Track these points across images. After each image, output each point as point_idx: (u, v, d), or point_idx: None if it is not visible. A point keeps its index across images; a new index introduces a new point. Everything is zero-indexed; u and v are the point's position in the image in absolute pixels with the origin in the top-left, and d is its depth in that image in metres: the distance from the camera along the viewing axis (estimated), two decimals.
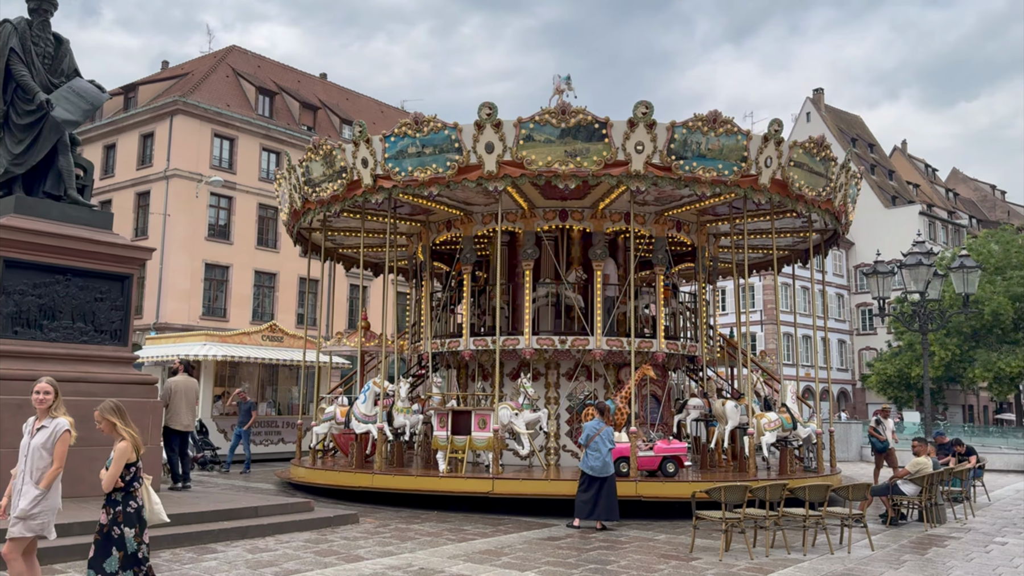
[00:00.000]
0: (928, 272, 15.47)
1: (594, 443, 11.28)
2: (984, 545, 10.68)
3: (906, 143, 75.76)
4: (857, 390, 58.80)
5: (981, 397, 56.80)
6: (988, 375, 43.31)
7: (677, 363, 17.07)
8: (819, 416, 16.16)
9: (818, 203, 14.41)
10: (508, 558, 9.02)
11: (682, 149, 12.73)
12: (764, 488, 9.87)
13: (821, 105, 66.81)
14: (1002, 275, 44.96)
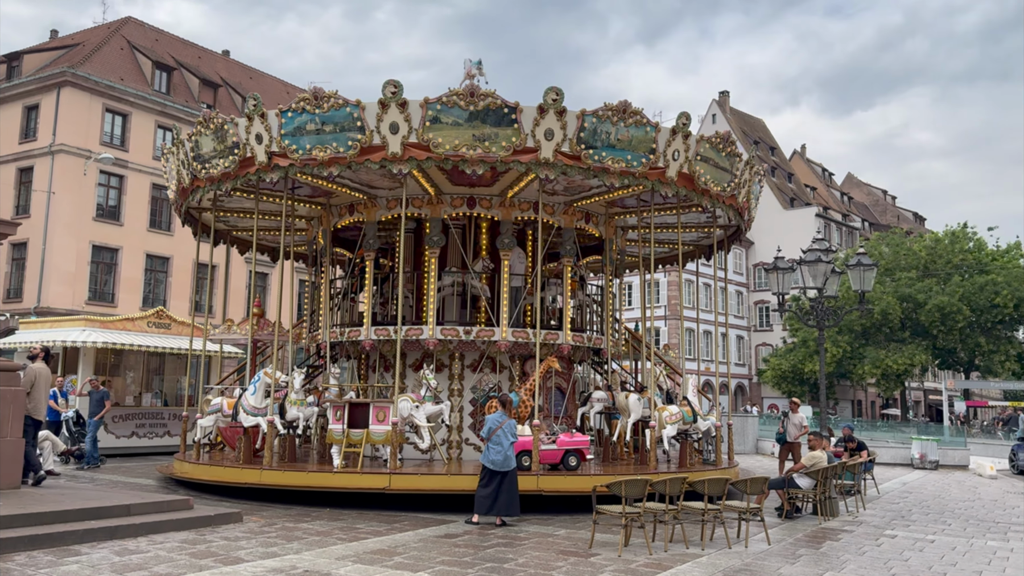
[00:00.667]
0: (827, 269, 15.81)
1: (496, 436, 10.95)
2: (875, 538, 10.89)
3: (805, 148, 78.73)
4: (753, 384, 60.76)
5: (869, 392, 59.64)
6: (876, 372, 45.42)
7: (583, 356, 16.94)
8: (718, 409, 16.33)
9: (723, 198, 14.49)
10: (401, 558, 8.57)
11: (592, 138, 12.52)
12: (664, 482, 9.75)
13: (726, 107, 68.63)
14: (891, 276, 47.21)
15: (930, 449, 24.74)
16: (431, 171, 13.32)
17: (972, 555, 9.91)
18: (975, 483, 19.99)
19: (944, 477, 21.51)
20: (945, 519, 13.14)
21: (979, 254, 47.81)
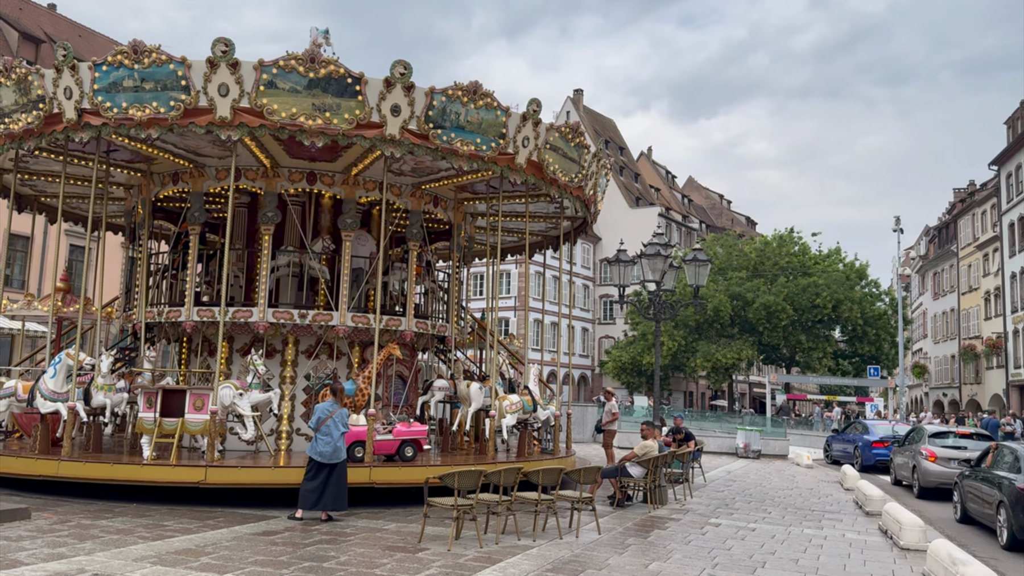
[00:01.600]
0: (665, 263, 16.18)
1: (325, 427, 10.31)
2: (701, 527, 11.16)
3: (651, 150, 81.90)
4: (595, 375, 62.60)
5: (700, 384, 62.91)
6: (708, 365, 47.85)
7: (427, 343, 16.51)
8: (559, 399, 16.38)
9: (570, 189, 14.46)
10: (209, 558, 7.81)
11: (441, 118, 12.06)
12: (499, 472, 9.50)
13: (580, 105, 70.14)
14: (724, 276, 49.86)
15: (753, 439, 26.20)
16: (266, 140, 12.41)
17: (790, 543, 10.33)
18: (793, 472, 21.27)
19: (766, 466, 22.78)
20: (766, 507, 13.75)
21: (803, 258, 51.35)
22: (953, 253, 62.57)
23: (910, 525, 10.43)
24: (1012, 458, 11.91)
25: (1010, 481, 11.25)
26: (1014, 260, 48.18)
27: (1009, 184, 49.71)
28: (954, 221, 63.60)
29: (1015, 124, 49.87)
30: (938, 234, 69.77)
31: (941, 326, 65.53)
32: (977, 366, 56.38)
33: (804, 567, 8.84)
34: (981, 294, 55.84)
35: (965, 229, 60.64)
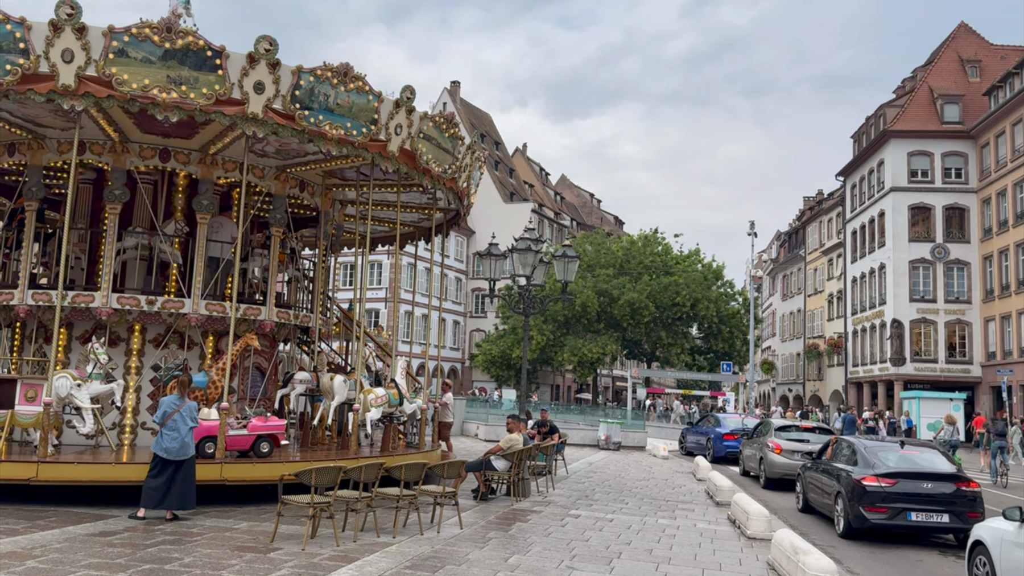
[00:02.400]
0: (535, 258, 16.31)
1: (172, 421, 9.69)
2: (561, 519, 11.29)
3: (526, 146, 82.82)
4: (465, 368, 62.75)
5: (566, 378, 64.29)
6: (574, 359, 48.97)
7: (288, 334, 15.90)
8: (426, 392, 16.20)
9: (443, 180, 14.28)
10: (36, 562, 7.15)
11: (308, 98, 11.57)
12: (359, 468, 9.22)
13: (457, 97, 69.94)
14: (592, 272, 51.14)
15: (614, 431, 26.96)
16: (114, 112, 11.51)
17: (645, 533, 10.61)
18: (651, 463, 22.01)
19: (625, 457, 23.47)
20: (624, 498, 14.11)
21: (666, 257, 53.42)
22: (801, 257, 66.85)
23: (756, 515, 10.95)
24: (850, 451, 12.74)
25: (847, 473, 12.03)
26: (855, 265, 52.00)
27: (853, 195, 53.55)
28: (803, 227, 67.93)
29: (860, 139, 53.74)
30: (788, 239, 74.34)
31: (788, 326, 69.92)
32: (820, 364, 60.51)
33: (657, 557, 9.09)
34: (825, 296, 59.97)
35: (812, 235, 64.89)
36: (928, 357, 44.51)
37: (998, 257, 41.86)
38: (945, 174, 45.57)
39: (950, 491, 11.33)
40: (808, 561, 7.62)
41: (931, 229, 45.22)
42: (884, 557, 10.61)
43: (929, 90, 47.65)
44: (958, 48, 50.20)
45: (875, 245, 48.35)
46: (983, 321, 43.47)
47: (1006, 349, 40.75)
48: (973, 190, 44.71)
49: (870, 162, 49.92)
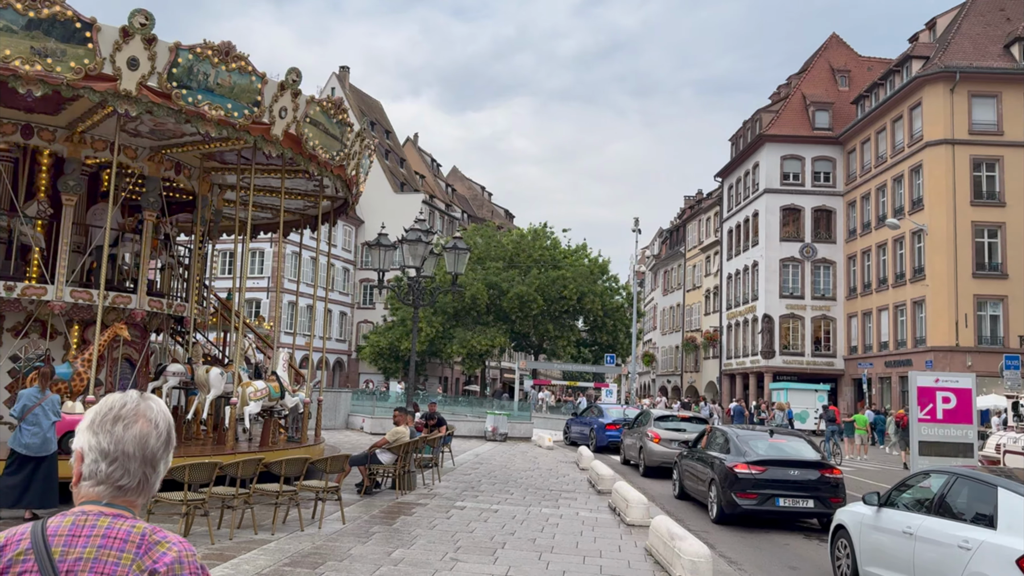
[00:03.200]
0: (425, 249, 16.17)
1: (33, 416, 9.06)
2: (446, 511, 11.27)
3: (418, 136, 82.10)
4: (352, 360, 61.74)
5: (455, 370, 64.29)
6: (463, 351, 48.98)
7: (161, 324, 15.15)
8: (308, 385, 15.81)
9: (331, 167, 13.93)
10: None
11: (186, 77, 11.02)
12: (237, 464, 8.90)
13: (346, 83, 68.52)
14: (482, 265, 51.27)
15: (501, 423, 27.16)
16: None
17: (529, 523, 10.73)
18: (536, 454, 22.30)
19: (511, 448, 23.69)
20: (509, 488, 14.23)
21: (554, 251, 54.14)
22: (681, 254, 69.37)
23: (636, 503, 11.27)
24: (723, 440, 13.30)
25: (720, 461, 12.56)
26: (731, 263, 54.38)
27: (730, 195, 55.94)
28: (683, 225, 70.49)
29: (738, 142, 56.17)
30: (669, 236, 76.98)
31: (668, 319, 72.45)
32: (697, 356, 63.02)
33: (541, 546, 9.21)
34: (703, 292, 62.48)
35: (692, 233, 67.43)
36: (796, 350, 47.09)
37: (861, 257, 44.73)
38: (815, 177, 48.26)
39: (815, 478, 12.01)
40: (683, 546, 7.90)
41: (801, 229, 47.81)
42: (754, 541, 11.15)
43: (802, 97, 50.30)
44: (830, 58, 53.21)
45: (749, 244, 50.70)
46: (846, 317, 46.37)
47: (866, 344, 43.62)
48: (840, 193, 47.55)
49: (746, 164, 52.26)
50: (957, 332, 35.96)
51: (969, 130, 37.13)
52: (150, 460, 1.67)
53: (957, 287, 36.15)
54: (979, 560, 6.17)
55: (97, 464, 1.63)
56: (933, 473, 7.76)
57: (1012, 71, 37.07)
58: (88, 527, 1.57)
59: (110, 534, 1.56)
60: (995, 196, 36.79)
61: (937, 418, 12.96)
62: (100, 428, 1.65)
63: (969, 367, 32.91)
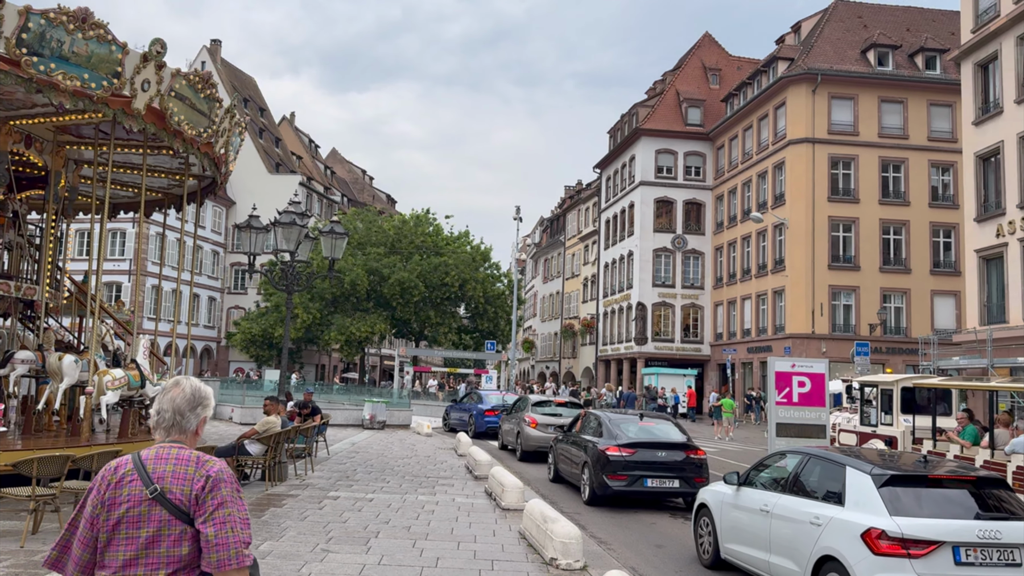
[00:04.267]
0: (300, 233, 15.70)
1: None
2: (319, 501, 11.02)
3: (295, 115, 79.65)
4: (221, 348, 59.45)
5: (333, 357, 63.03)
6: (341, 338, 48.05)
7: (8, 308, 14.04)
8: (171, 373, 15.07)
9: (198, 144, 13.25)
10: None
11: (38, 44, 10.19)
12: (91, 456, 8.37)
13: (217, 57, 65.55)
14: (363, 250, 50.41)
15: (379, 410, 26.84)
16: None
17: (404, 510, 10.65)
18: (414, 441, 22.19)
19: (389, 436, 23.46)
20: (385, 477, 14.09)
21: (436, 238, 53.93)
22: (561, 243, 70.64)
23: (511, 487, 11.40)
24: (596, 423, 13.64)
25: (594, 444, 12.88)
26: (608, 252, 55.83)
27: (608, 186, 57.36)
28: (563, 215, 71.77)
29: (616, 134, 57.60)
30: (550, 225, 78.20)
31: (548, 306, 73.70)
32: (575, 342, 64.45)
33: (415, 533, 9.16)
34: (581, 280, 63.90)
35: (572, 222, 68.77)
36: (667, 337, 48.95)
37: (727, 248, 46.92)
38: (686, 171, 50.18)
39: (681, 459, 12.51)
40: (555, 528, 8.04)
41: (673, 221, 49.64)
42: (623, 521, 11.51)
43: (676, 93, 52.10)
44: (702, 56, 55.33)
45: (625, 234, 52.21)
46: (713, 305, 48.58)
47: (731, 330, 45.87)
48: (709, 187, 49.66)
49: (623, 157, 53.71)
50: (813, 320, 38.34)
51: (828, 130, 39.54)
52: (178, 410, 2.83)
53: (814, 278, 38.52)
54: (829, 535, 6.59)
55: (155, 418, 2.86)
56: (788, 453, 8.22)
57: (868, 75, 39.71)
58: (165, 453, 2.74)
59: (180, 456, 2.73)
60: (850, 193, 39.38)
61: (793, 401, 13.76)
62: (157, 399, 2.88)
63: (824, 353, 35.19)
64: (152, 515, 2.62)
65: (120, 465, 2.71)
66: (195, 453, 2.75)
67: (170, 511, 2.62)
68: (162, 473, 2.66)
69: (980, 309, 26.19)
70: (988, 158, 26.22)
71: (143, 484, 2.64)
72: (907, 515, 6.19)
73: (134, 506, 2.62)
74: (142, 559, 2.60)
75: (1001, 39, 25.46)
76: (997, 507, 6.44)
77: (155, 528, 2.61)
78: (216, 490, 2.66)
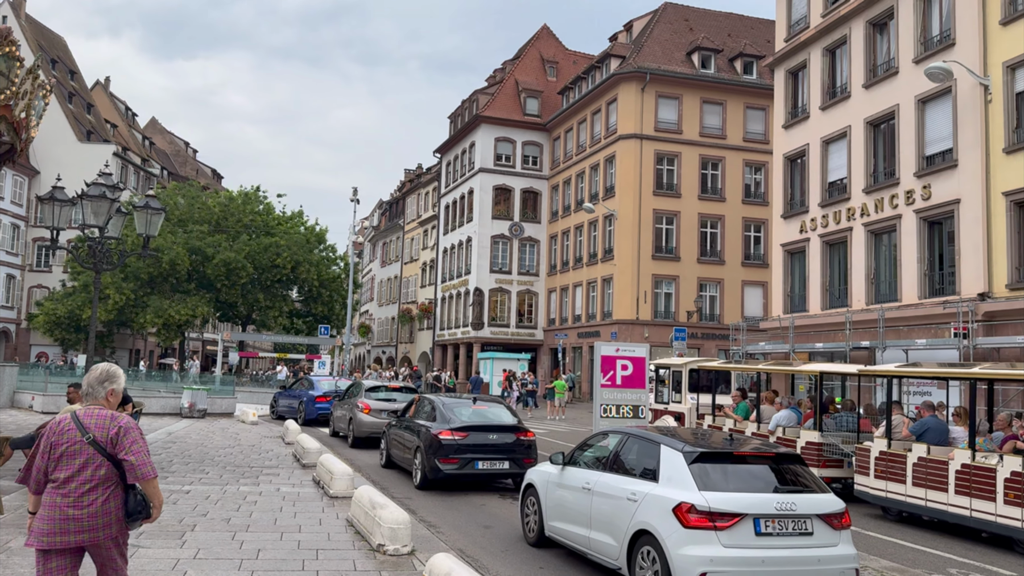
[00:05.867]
0: (111, 207, 14.53)
1: None
2: None
3: (110, 80, 73.68)
4: (22, 330, 54.28)
5: (149, 342, 59.13)
6: (159, 321, 45.08)
7: None
8: None
9: None
10: None
11: None
12: None
13: (22, 12, 59.38)
14: (184, 228, 47.50)
15: (200, 398, 25.45)
16: None
17: (224, 502, 10.15)
18: (238, 430, 21.23)
19: (210, 425, 22.32)
20: (204, 467, 13.37)
21: (267, 217, 51.80)
22: (400, 227, 69.99)
23: (340, 474, 11.15)
24: (430, 408, 13.61)
25: (427, 428, 12.85)
26: (447, 237, 55.92)
27: (448, 171, 57.39)
28: (403, 198, 71.10)
29: (456, 120, 57.65)
30: (389, 208, 77.26)
31: (385, 291, 72.91)
32: (412, 327, 64.17)
33: (235, 525, 8.74)
34: (420, 265, 63.65)
35: (411, 206, 68.27)
36: (502, 322, 49.80)
37: (561, 237, 48.31)
38: (524, 160, 51.11)
39: (511, 441, 12.75)
40: (383, 514, 7.94)
41: (511, 209, 50.46)
42: (454, 504, 11.57)
43: (515, 83, 52.86)
44: (541, 48, 56.42)
45: (464, 220, 52.50)
46: (547, 292, 49.93)
47: (563, 316, 47.34)
48: (545, 177, 50.86)
49: (463, 143, 53.90)
50: (637, 307, 40.30)
51: (655, 127, 41.52)
52: (91, 384, 4.46)
53: (639, 267, 40.46)
54: (644, 510, 6.91)
55: (83, 390, 4.48)
56: (611, 433, 8.56)
57: (691, 76, 42.02)
58: (91, 412, 4.34)
59: (99, 414, 4.32)
60: (673, 188, 41.62)
61: (616, 383, 14.38)
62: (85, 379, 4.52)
63: (646, 338, 37.10)
64: (83, 451, 4.21)
65: (62, 420, 4.33)
66: (110, 412, 4.37)
67: (96, 448, 4.21)
68: (89, 424, 4.25)
69: (784, 299, 28.52)
70: (795, 159, 28.54)
71: (79, 431, 4.23)
72: (714, 490, 6.60)
73: (71, 445, 4.22)
74: (75, 476, 4.19)
75: (810, 49, 27.72)
76: (794, 481, 7.01)
77: (85, 458, 4.20)
78: (128, 434, 4.25)
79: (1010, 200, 19.71)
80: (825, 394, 14.97)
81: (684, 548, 6.38)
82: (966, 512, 10.40)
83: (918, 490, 11.15)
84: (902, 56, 23.49)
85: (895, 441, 11.97)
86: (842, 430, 13.52)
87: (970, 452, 10.52)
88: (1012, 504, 9.76)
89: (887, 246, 24.06)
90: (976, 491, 10.25)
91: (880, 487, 11.79)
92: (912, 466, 11.28)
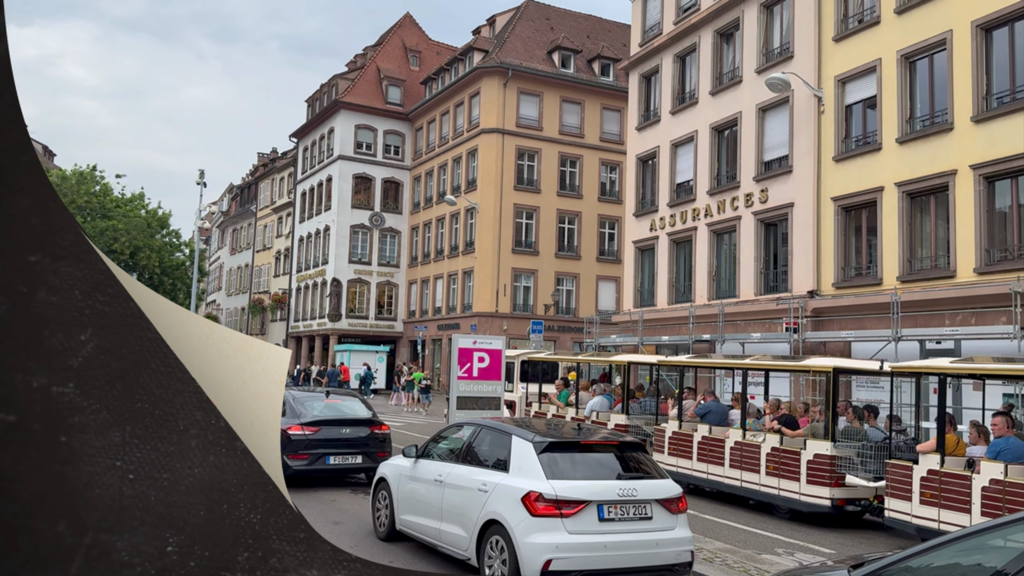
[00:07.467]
0: None
1: None
2: None
3: None
4: None
5: None
6: None
7: None
8: None
9: None
10: None
11: None
12: None
13: None
14: None
15: None
16: None
17: None
18: None
19: None
20: None
21: (104, 199, 48.48)
22: (252, 213, 67.31)
23: None
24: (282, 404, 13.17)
25: None
26: (303, 225, 54.32)
27: (305, 157, 55.72)
28: (256, 183, 68.39)
29: (315, 104, 56.04)
30: (240, 193, 74.10)
31: (235, 280, 69.97)
32: (264, 318, 61.95)
33: None
34: (273, 253, 61.48)
35: (265, 192, 65.79)
36: (361, 314, 49.01)
37: (423, 228, 48.07)
38: (385, 150, 50.44)
39: (365, 434, 12.56)
40: None
41: (371, 198, 49.68)
42: (303, 501, 11.25)
43: (377, 70, 52.02)
44: (403, 36, 55.79)
45: (322, 208, 51.20)
46: (407, 283, 49.56)
47: (423, 308, 47.16)
48: (407, 167, 50.41)
49: (322, 128, 52.52)
50: (497, 300, 40.76)
51: (517, 123, 42.07)
52: None
53: (499, 260, 40.92)
54: (494, 500, 6.98)
55: None
56: (465, 425, 8.59)
57: (552, 75, 42.85)
58: None
59: None
60: (533, 183, 42.34)
61: (473, 376, 14.47)
62: None
63: (505, 331, 37.59)
64: None
65: None
66: None
67: None
68: None
69: (635, 294, 29.69)
70: (647, 161, 29.72)
71: None
72: (562, 478, 6.77)
73: None
74: None
75: (662, 55, 28.92)
76: (636, 468, 7.29)
77: None
78: None
79: (838, 205, 21.39)
80: (658, 385, 17.03)
81: (531, 536, 6.50)
82: (737, 483, 12.07)
83: (701, 464, 12.75)
84: (746, 66, 24.94)
85: (685, 423, 13.59)
86: (645, 413, 15.48)
87: (742, 431, 12.28)
88: (772, 475, 11.45)
89: (728, 245, 25.52)
90: (746, 465, 11.92)
91: (672, 463, 13.17)
92: (697, 444, 12.92)
